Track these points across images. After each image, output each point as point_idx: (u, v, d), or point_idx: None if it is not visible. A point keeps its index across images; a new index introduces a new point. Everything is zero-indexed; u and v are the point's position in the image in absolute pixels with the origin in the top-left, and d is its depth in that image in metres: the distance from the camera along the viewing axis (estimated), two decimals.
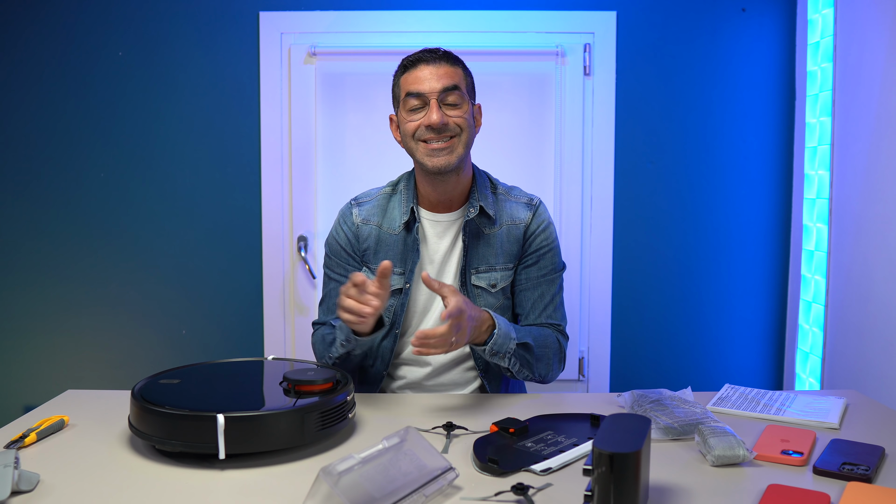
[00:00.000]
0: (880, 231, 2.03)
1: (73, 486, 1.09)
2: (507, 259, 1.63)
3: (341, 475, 0.96)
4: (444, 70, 1.54)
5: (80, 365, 2.67)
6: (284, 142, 2.60)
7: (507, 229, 1.63)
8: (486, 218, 1.62)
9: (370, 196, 1.69)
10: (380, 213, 1.65)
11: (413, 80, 1.54)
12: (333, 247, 1.68)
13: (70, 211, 2.63)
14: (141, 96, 2.59)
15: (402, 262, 1.62)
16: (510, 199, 1.66)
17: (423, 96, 1.52)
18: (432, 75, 1.53)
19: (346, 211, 1.68)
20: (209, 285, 2.65)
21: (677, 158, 2.61)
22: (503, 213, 1.64)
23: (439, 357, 1.63)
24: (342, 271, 1.66)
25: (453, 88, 1.53)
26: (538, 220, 1.65)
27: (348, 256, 1.65)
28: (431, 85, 1.52)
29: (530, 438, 1.25)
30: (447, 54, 1.57)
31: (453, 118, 1.53)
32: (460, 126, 1.53)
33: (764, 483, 1.08)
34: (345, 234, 1.66)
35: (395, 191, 1.67)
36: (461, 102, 1.54)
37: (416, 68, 1.55)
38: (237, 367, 1.45)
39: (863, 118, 2.12)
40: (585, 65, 2.57)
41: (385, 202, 1.66)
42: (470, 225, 1.61)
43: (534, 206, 1.66)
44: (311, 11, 2.57)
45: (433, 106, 1.51)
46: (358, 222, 1.65)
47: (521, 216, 1.64)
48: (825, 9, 2.35)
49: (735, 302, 2.65)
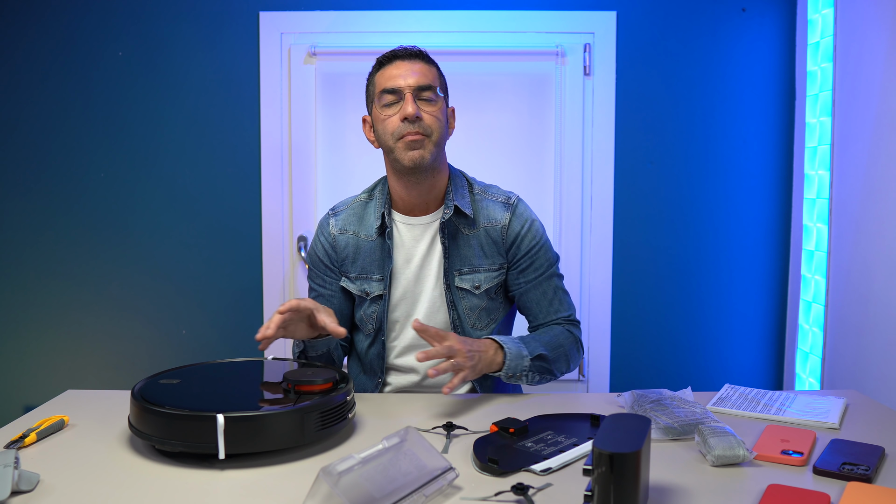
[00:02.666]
0: (880, 231, 2.03)
1: (73, 486, 1.09)
2: (491, 260, 1.61)
3: (341, 475, 0.96)
4: (419, 67, 1.54)
5: (80, 365, 2.67)
6: (284, 142, 2.60)
7: (485, 230, 1.61)
8: (463, 218, 1.60)
9: (346, 204, 1.69)
10: (356, 221, 1.65)
11: (388, 76, 1.54)
12: (313, 258, 1.69)
13: (70, 211, 2.63)
14: (141, 96, 2.59)
15: (380, 268, 1.62)
16: (487, 198, 1.63)
17: (398, 91, 1.52)
18: (408, 71, 1.53)
19: (323, 222, 1.69)
20: (209, 285, 2.65)
21: (677, 158, 2.61)
22: (479, 213, 1.62)
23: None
24: (321, 282, 1.67)
25: (427, 87, 1.53)
26: (520, 221, 1.61)
27: (326, 268, 1.66)
28: (407, 80, 1.52)
29: (530, 438, 1.25)
30: (422, 52, 1.58)
31: (427, 115, 1.52)
32: (432, 126, 1.53)
33: (764, 483, 1.08)
34: (322, 245, 1.66)
35: (371, 197, 1.67)
36: (435, 100, 1.54)
37: (391, 65, 1.55)
38: (237, 367, 1.45)
39: (863, 118, 2.12)
40: (585, 65, 2.57)
41: (361, 209, 1.66)
42: (448, 226, 1.59)
43: (511, 206, 1.63)
44: (311, 11, 2.57)
45: (408, 99, 1.51)
46: (335, 233, 1.65)
47: (498, 217, 1.61)
48: (825, 9, 2.35)
49: (735, 302, 2.65)
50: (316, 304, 1.46)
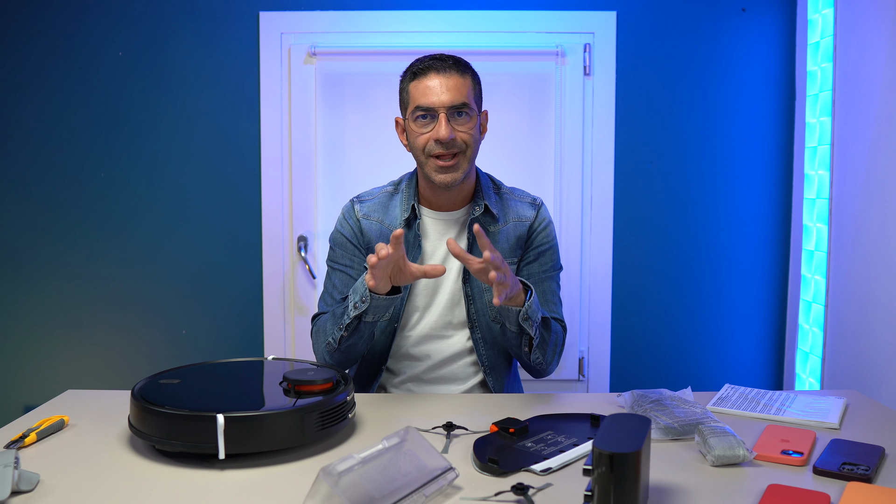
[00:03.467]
0: (880, 231, 2.03)
1: (73, 486, 1.09)
2: (512, 255, 1.66)
3: (341, 475, 0.96)
4: (454, 81, 1.54)
5: (80, 365, 2.67)
6: (284, 142, 2.60)
7: (514, 226, 1.66)
8: (489, 216, 1.65)
9: (372, 194, 1.72)
10: (381, 211, 1.67)
11: (423, 91, 1.54)
12: (339, 239, 1.69)
13: (70, 211, 2.63)
14: (141, 96, 2.59)
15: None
16: (514, 199, 1.71)
17: (432, 110, 1.53)
18: (442, 87, 1.53)
19: (348, 207, 1.71)
20: (209, 285, 2.65)
21: (677, 158, 2.61)
22: (509, 210, 1.68)
23: (441, 351, 1.65)
24: (347, 261, 1.67)
25: (461, 105, 1.53)
26: (541, 219, 1.69)
27: (354, 248, 1.67)
28: (441, 98, 1.52)
29: (530, 438, 1.25)
30: (457, 63, 1.57)
31: (461, 133, 1.54)
32: (466, 143, 1.55)
33: (764, 483, 1.08)
34: (350, 226, 1.68)
35: (397, 190, 1.70)
36: (469, 117, 1.55)
37: (425, 76, 1.54)
38: (237, 367, 1.46)
39: (863, 118, 2.12)
40: (585, 65, 2.57)
41: (387, 200, 1.69)
42: (475, 223, 1.61)
43: (537, 206, 1.71)
44: (311, 11, 2.57)
45: (442, 120, 1.52)
46: (360, 217, 1.67)
47: (527, 214, 1.68)
48: (825, 9, 2.35)
49: (735, 302, 2.65)
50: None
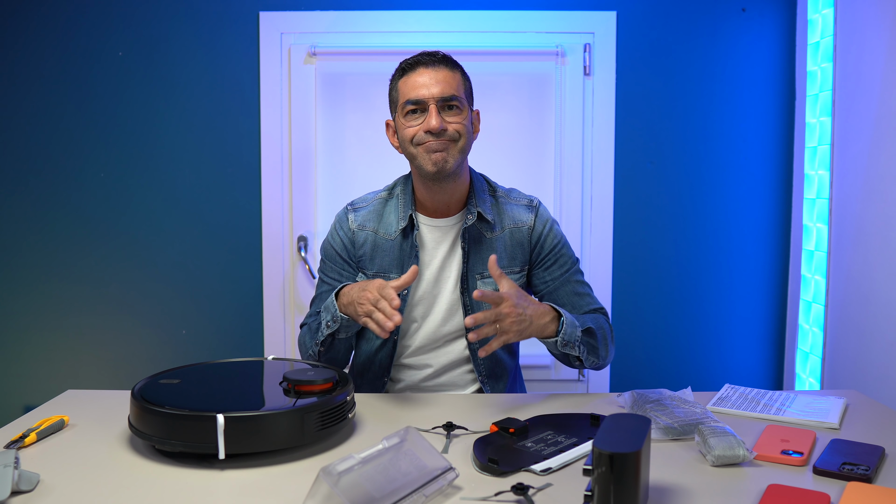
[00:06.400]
0: (880, 231, 2.03)
1: (73, 486, 1.09)
2: (512, 262, 1.63)
3: (341, 475, 0.96)
4: (443, 75, 1.53)
5: (80, 365, 2.67)
6: (284, 142, 2.60)
7: (511, 232, 1.63)
8: (485, 223, 1.62)
9: (366, 201, 1.69)
10: (376, 219, 1.65)
11: (412, 85, 1.53)
12: (329, 252, 1.68)
13: (70, 211, 2.63)
14: (141, 96, 2.59)
15: (399, 267, 1.62)
16: (510, 202, 1.67)
17: (422, 102, 1.52)
18: (431, 80, 1.52)
19: (342, 216, 1.68)
20: (209, 285, 2.64)
21: (677, 158, 2.61)
22: (504, 215, 1.65)
23: (440, 360, 1.64)
24: (336, 276, 1.66)
25: (451, 98, 1.52)
26: (542, 221, 1.66)
27: (343, 262, 1.65)
28: (430, 91, 1.51)
29: (530, 438, 1.25)
30: (446, 58, 1.57)
31: (452, 124, 1.53)
32: (459, 132, 1.53)
33: (764, 483, 1.08)
34: (340, 239, 1.66)
35: (392, 195, 1.67)
36: (460, 109, 1.54)
37: (414, 72, 1.54)
38: (237, 367, 1.46)
39: (863, 118, 2.12)
40: (585, 65, 2.57)
41: (381, 207, 1.66)
42: (470, 231, 1.60)
43: (534, 208, 1.67)
44: (311, 11, 2.57)
45: (432, 111, 1.51)
46: (354, 228, 1.65)
47: (524, 218, 1.65)
48: (825, 9, 2.35)
49: (735, 302, 2.65)
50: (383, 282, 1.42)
